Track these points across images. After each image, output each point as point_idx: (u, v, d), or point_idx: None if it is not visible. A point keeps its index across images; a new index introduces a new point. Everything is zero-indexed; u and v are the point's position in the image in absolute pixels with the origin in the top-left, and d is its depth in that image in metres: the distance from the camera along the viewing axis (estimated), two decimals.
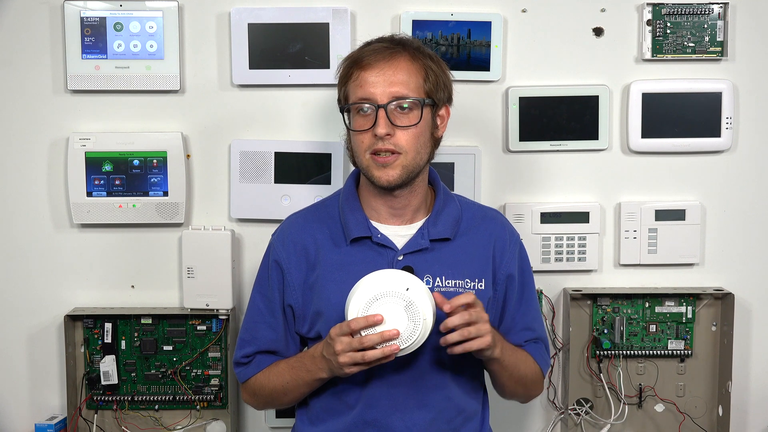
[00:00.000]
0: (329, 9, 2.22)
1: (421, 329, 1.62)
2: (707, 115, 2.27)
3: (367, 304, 1.62)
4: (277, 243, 1.86)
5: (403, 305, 1.61)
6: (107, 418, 2.32)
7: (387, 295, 1.62)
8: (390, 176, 1.73)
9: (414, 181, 1.78)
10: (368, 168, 1.75)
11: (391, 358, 1.63)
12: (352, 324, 1.61)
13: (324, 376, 1.73)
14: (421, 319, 1.61)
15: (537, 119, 2.27)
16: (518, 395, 1.89)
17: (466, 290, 1.78)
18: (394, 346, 1.60)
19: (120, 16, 2.23)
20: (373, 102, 1.72)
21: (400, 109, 1.73)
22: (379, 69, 1.73)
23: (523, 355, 1.84)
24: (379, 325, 1.60)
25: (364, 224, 1.80)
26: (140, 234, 2.30)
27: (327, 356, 1.68)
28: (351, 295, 1.65)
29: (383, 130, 1.71)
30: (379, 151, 1.72)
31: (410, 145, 1.73)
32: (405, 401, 1.76)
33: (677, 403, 2.34)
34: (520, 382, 1.83)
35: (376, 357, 1.61)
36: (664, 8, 2.25)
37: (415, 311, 1.61)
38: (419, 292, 1.63)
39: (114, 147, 2.24)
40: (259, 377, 1.85)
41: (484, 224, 1.86)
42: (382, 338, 1.60)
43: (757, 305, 2.35)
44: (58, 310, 2.29)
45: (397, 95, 1.72)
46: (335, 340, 1.64)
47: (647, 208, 2.30)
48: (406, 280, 1.64)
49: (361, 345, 1.61)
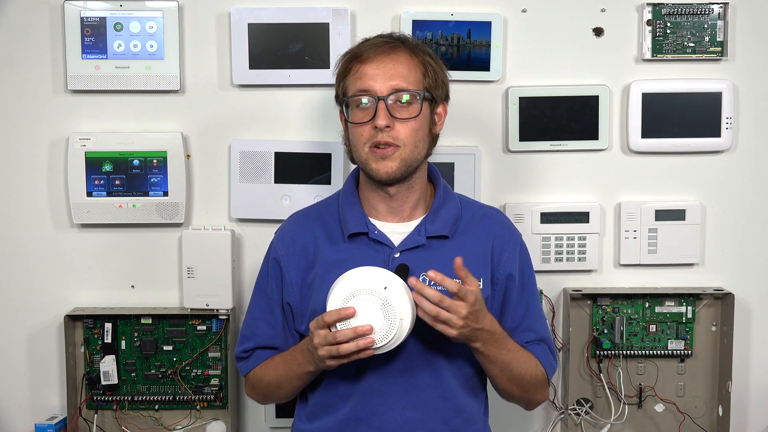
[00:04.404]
0: (329, 9, 2.22)
1: (397, 329, 1.61)
2: (707, 115, 2.27)
3: (344, 300, 1.62)
4: (277, 241, 1.88)
5: (380, 303, 1.61)
6: (107, 418, 2.32)
7: (364, 293, 1.62)
8: (389, 168, 1.73)
9: (412, 176, 1.78)
10: (367, 161, 1.75)
11: (369, 353, 1.63)
12: (326, 317, 1.62)
13: (311, 369, 1.74)
14: (397, 319, 1.61)
15: (537, 119, 2.27)
16: (515, 397, 1.85)
17: None
18: (369, 340, 1.61)
19: (120, 16, 2.23)
20: (373, 94, 1.73)
21: (400, 102, 1.73)
22: (378, 62, 1.74)
23: (524, 356, 1.80)
24: (353, 318, 1.61)
25: (362, 220, 1.80)
26: (140, 234, 2.30)
27: (310, 349, 1.69)
28: (331, 290, 1.66)
29: (383, 122, 1.71)
30: (379, 144, 1.73)
31: (409, 138, 1.74)
32: (397, 399, 1.76)
33: (677, 403, 2.34)
34: (514, 381, 1.79)
35: (350, 350, 1.61)
36: (664, 8, 2.25)
37: (391, 310, 1.61)
38: (397, 292, 1.62)
39: (114, 147, 2.24)
40: (257, 371, 1.87)
41: (484, 223, 1.85)
42: (354, 333, 1.61)
43: (757, 305, 2.35)
44: (58, 310, 2.30)
45: (397, 88, 1.73)
46: (314, 333, 1.66)
47: (647, 208, 2.30)
48: (386, 278, 1.64)
49: (335, 339, 1.62)
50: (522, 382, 1.81)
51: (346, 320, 1.62)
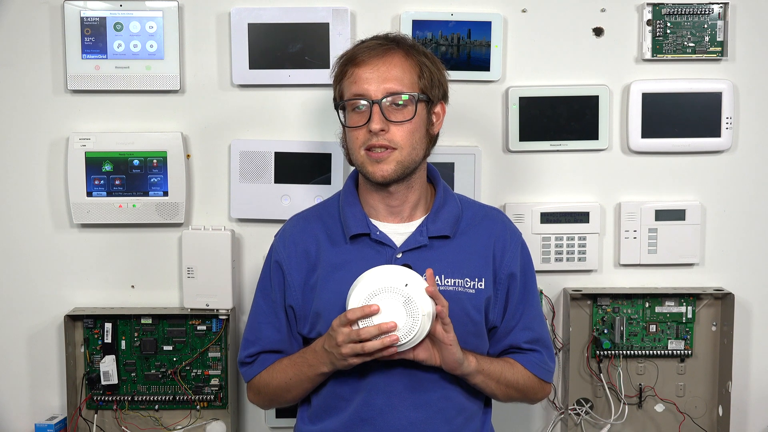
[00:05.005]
0: (329, 9, 2.22)
1: (420, 325, 1.63)
2: (707, 115, 2.27)
3: (366, 299, 1.63)
4: (278, 244, 1.87)
5: (402, 301, 1.62)
6: (107, 418, 2.32)
7: (386, 291, 1.63)
8: (384, 171, 1.74)
9: (410, 177, 1.79)
10: (363, 164, 1.76)
11: (393, 351, 1.64)
12: (349, 314, 1.63)
13: (325, 370, 1.74)
14: (420, 315, 1.62)
15: (537, 119, 2.27)
16: (516, 400, 1.88)
17: (466, 289, 1.78)
18: (394, 337, 1.61)
19: (120, 16, 2.23)
20: (368, 98, 1.73)
21: (395, 105, 1.73)
22: (373, 65, 1.74)
23: (508, 363, 1.83)
24: (376, 316, 1.62)
25: (363, 221, 1.81)
26: (140, 234, 2.30)
27: (329, 349, 1.69)
28: (351, 290, 1.66)
29: (377, 126, 1.72)
30: (374, 147, 1.73)
31: (405, 140, 1.74)
32: (401, 399, 1.76)
33: (677, 403, 2.34)
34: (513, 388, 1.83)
35: (375, 347, 1.62)
36: (664, 8, 2.25)
37: (413, 307, 1.62)
38: (419, 288, 1.64)
39: (114, 147, 2.24)
40: (263, 375, 1.86)
41: (485, 223, 1.86)
42: (379, 330, 1.61)
43: (757, 305, 2.35)
44: (58, 310, 2.30)
45: (391, 91, 1.73)
46: (337, 331, 1.65)
47: (647, 208, 2.30)
48: (406, 275, 1.65)
49: (358, 336, 1.62)
50: (518, 386, 1.84)
51: (368, 318, 1.62)
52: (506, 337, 1.85)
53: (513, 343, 1.86)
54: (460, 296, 1.77)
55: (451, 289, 1.77)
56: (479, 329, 1.81)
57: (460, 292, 1.78)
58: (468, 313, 1.78)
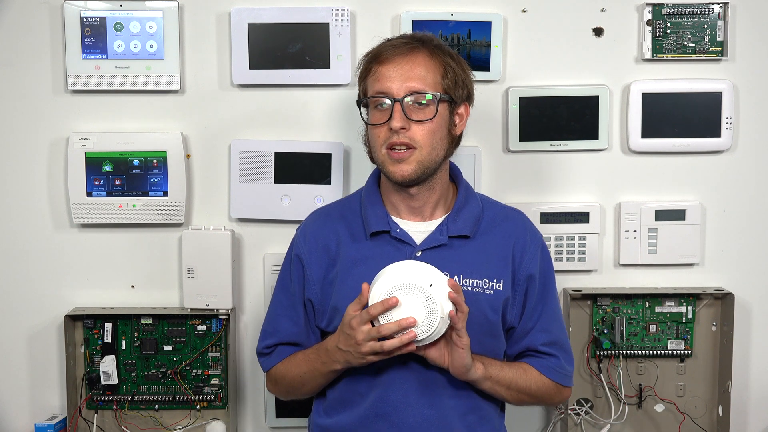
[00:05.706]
0: (329, 9, 2.22)
1: (438, 326, 1.63)
2: (707, 115, 2.27)
3: (388, 293, 1.63)
4: (299, 238, 1.89)
5: (424, 300, 1.62)
6: (107, 418, 2.32)
7: (409, 287, 1.62)
8: (405, 171, 1.74)
9: (432, 177, 1.79)
10: (384, 163, 1.77)
11: (412, 348, 1.64)
12: (371, 310, 1.63)
13: (338, 367, 1.75)
14: (438, 317, 1.62)
15: (537, 119, 2.27)
16: (530, 403, 1.90)
17: (484, 290, 1.79)
18: (412, 334, 1.62)
19: (120, 16, 2.23)
20: (390, 96, 1.73)
21: (417, 104, 1.74)
22: (396, 63, 1.75)
23: (521, 368, 1.83)
24: (395, 310, 1.61)
25: (384, 219, 1.82)
26: (140, 234, 2.30)
27: (345, 348, 1.69)
28: (374, 282, 1.66)
29: (398, 124, 1.72)
30: (394, 145, 1.73)
31: (425, 140, 1.74)
32: (417, 396, 1.77)
33: (677, 403, 2.34)
34: (525, 394, 1.83)
35: (394, 346, 1.63)
36: (664, 8, 2.25)
37: (434, 308, 1.62)
38: (442, 290, 1.63)
39: (114, 147, 2.24)
40: (279, 367, 1.89)
41: (505, 224, 1.86)
42: (399, 326, 1.61)
43: (757, 305, 2.35)
44: (58, 310, 2.30)
45: (413, 90, 1.73)
46: (356, 330, 1.65)
47: (647, 208, 2.30)
48: (432, 275, 1.64)
49: (379, 334, 1.63)
50: (531, 392, 1.84)
51: (388, 312, 1.62)
52: (523, 338, 1.86)
53: (530, 345, 1.86)
54: (477, 297, 1.78)
55: (469, 290, 1.77)
56: (495, 330, 1.82)
57: (478, 293, 1.78)
58: (485, 313, 1.79)
